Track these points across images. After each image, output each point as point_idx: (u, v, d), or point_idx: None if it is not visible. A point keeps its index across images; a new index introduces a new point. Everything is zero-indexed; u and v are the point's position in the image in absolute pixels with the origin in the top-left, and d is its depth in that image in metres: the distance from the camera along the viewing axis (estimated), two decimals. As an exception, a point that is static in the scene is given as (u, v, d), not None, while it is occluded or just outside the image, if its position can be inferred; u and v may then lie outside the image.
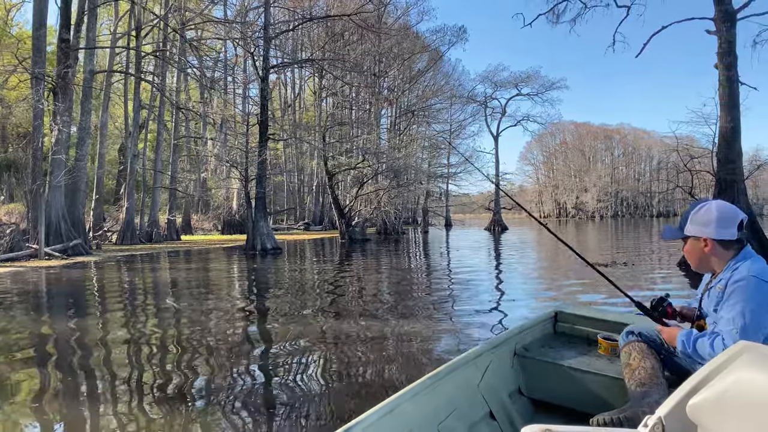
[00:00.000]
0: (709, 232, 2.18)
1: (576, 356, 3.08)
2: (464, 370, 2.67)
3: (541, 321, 3.56)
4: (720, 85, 14.39)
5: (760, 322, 2.00)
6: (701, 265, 2.30)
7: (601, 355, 3.10)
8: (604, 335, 3.20)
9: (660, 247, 22.24)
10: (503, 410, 2.75)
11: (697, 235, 2.22)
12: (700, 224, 2.21)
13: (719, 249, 2.19)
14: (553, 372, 2.99)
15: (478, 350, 2.87)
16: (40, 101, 18.66)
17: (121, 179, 33.82)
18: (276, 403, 4.28)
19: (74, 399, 4.41)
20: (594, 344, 3.26)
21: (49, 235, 18.64)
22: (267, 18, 22.56)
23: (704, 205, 2.22)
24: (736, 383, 1.31)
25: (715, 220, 2.16)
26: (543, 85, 57.48)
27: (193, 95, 38.23)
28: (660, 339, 2.53)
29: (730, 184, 13.84)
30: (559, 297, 9.66)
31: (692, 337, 2.19)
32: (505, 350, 3.07)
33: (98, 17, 28.67)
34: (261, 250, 20.76)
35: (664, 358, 2.51)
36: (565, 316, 3.62)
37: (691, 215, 2.24)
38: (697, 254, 2.26)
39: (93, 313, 8.72)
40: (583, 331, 3.50)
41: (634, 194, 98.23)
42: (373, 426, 1.93)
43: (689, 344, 2.19)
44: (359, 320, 7.50)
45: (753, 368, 1.33)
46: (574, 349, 3.22)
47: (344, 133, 38.81)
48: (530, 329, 3.41)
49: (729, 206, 2.20)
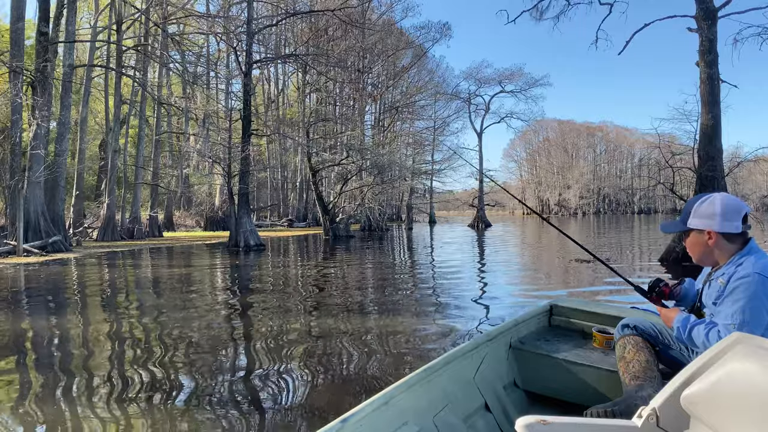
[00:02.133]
0: (714, 224, 2.15)
1: (571, 349, 3.11)
2: (460, 362, 2.68)
3: (537, 314, 3.59)
4: (701, 82, 14.53)
5: (760, 320, 1.98)
6: (704, 258, 2.26)
7: (596, 348, 3.12)
8: (599, 328, 3.23)
9: (641, 244, 22.48)
10: (498, 402, 2.77)
11: (701, 228, 2.19)
12: (704, 217, 2.17)
13: (723, 242, 2.16)
14: (548, 365, 3.01)
15: (473, 343, 2.88)
16: (18, 95, 18.34)
17: (102, 175, 33.40)
18: (259, 401, 4.24)
19: (53, 399, 4.33)
20: (589, 337, 3.29)
21: (28, 231, 18.36)
22: (250, 13, 22.38)
23: (708, 198, 2.19)
24: (730, 374, 1.30)
25: (720, 213, 2.12)
26: (527, 82, 57.97)
27: (176, 90, 37.85)
28: (656, 331, 2.53)
29: (710, 181, 13.98)
30: (542, 288, 9.71)
31: (689, 322, 2.19)
32: (500, 343, 3.09)
33: (78, 11, 28.26)
34: (244, 246, 20.62)
35: (660, 351, 2.52)
36: (561, 309, 3.65)
37: (694, 207, 2.21)
38: (701, 247, 2.23)
39: (72, 310, 8.58)
40: (579, 324, 3.53)
41: (615, 191, 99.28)
42: (368, 417, 1.94)
43: (684, 330, 2.18)
44: (343, 316, 7.47)
45: (747, 359, 1.33)
46: (570, 342, 3.25)
47: (328, 130, 38.67)
48: (525, 322, 3.43)
49: (734, 199, 2.17)
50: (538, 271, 13.36)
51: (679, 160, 17.37)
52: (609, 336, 3.06)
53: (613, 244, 21.98)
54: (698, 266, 2.38)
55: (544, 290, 10.06)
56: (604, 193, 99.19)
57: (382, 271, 13.73)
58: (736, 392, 1.26)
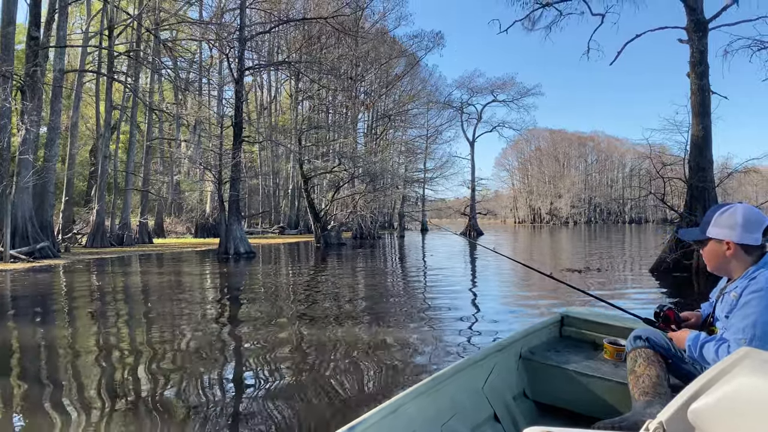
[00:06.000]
0: (734, 235, 2.12)
1: (582, 360, 3.08)
2: (468, 372, 2.67)
3: (548, 324, 3.56)
4: (692, 93, 14.59)
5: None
6: (720, 268, 2.24)
7: (607, 360, 3.10)
8: (611, 340, 3.20)
9: (632, 254, 22.52)
10: (507, 413, 2.75)
11: (720, 238, 2.17)
12: (724, 227, 2.15)
13: (741, 253, 2.14)
14: (558, 375, 2.98)
15: (483, 353, 2.86)
16: (7, 100, 18.17)
17: (92, 181, 33.14)
18: (248, 412, 4.15)
19: (38, 408, 4.23)
20: (600, 349, 3.26)
21: (15, 237, 18.16)
22: (242, 19, 22.34)
23: (730, 208, 2.17)
24: (738, 389, 1.29)
25: (741, 224, 2.10)
26: (519, 92, 58.36)
27: (167, 96, 37.72)
28: (668, 344, 2.50)
29: (701, 192, 14.02)
30: (534, 297, 9.67)
31: (700, 340, 2.17)
32: (510, 353, 3.07)
33: (70, 16, 28.18)
34: (234, 254, 20.49)
35: (672, 364, 2.48)
36: (572, 320, 3.62)
37: (715, 217, 2.19)
38: (718, 257, 2.21)
39: (59, 318, 8.46)
40: (590, 335, 3.50)
41: (607, 201, 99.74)
42: (375, 425, 1.93)
43: (695, 348, 2.17)
44: (333, 326, 7.39)
45: (755, 374, 1.32)
46: (580, 353, 3.22)
47: (320, 137, 38.63)
48: (536, 332, 3.41)
49: (755, 211, 2.15)
50: (529, 280, 13.32)
51: (670, 170, 17.42)
52: (620, 348, 3.02)
53: (604, 254, 22.01)
54: (690, 280, 2.36)
55: (536, 299, 10.02)
56: (595, 202, 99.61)
57: (373, 279, 13.65)
58: (745, 407, 1.25)
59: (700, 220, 2.30)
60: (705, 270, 12.55)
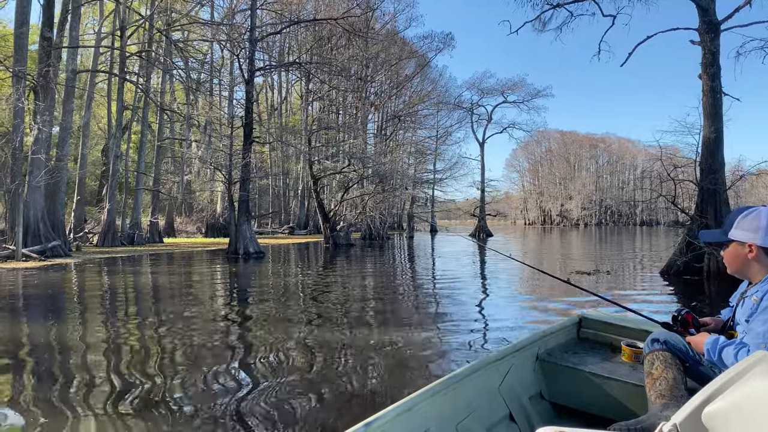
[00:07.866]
0: (757, 238, 2.12)
1: (599, 362, 3.09)
2: (485, 372, 2.68)
3: (565, 326, 3.57)
4: (703, 95, 14.48)
5: None
6: (740, 271, 2.24)
7: (625, 362, 3.10)
8: (628, 342, 3.20)
9: (643, 257, 22.37)
10: (523, 413, 2.76)
11: (743, 240, 2.17)
12: (747, 229, 2.15)
13: (763, 257, 2.14)
14: (575, 377, 2.99)
15: (500, 353, 2.88)
16: (20, 100, 18.35)
17: (103, 180, 33.41)
18: (258, 410, 4.16)
19: (47, 405, 4.26)
20: (618, 351, 3.27)
21: (27, 236, 18.33)
22: (253, 20, 22.43)
23: (753, 211, 2.17)
24: (753, 393, 1.29)
25: (765, 227, 2.10)
26: (529, 93, 58.16)
27: (178, 97, 37.94)
28: (686, 347, 2.50)
29: (712, 194, 13.89)
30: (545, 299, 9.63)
31: (719, 344, 2.16)
32: (527, 354, 3.09)
33: (82, 16, 28.42)
34: (243, 254, 20.56)
35: (690, 366, 2.48)
36: (590, 322, 3.63)
37: (738, 219, 2.20)
38: (740, 260, 2.21)
39: (70, 315, 8.52)
40: (607, 337, 3.51)
41: (617, 203, 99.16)
42: (391, 423, 1.95)
43: (714, 352, 2.16)
44: (342, 328, 7.39)
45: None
46: (598, 355, 3.23)
47: (330, 137, 38.72)
48: (554, 334, 3.42)
49: None
50: (540, 282, 13.26)
51: (681, 172, 17.29)
52: (638, 350, 3.03)
53: (614, 257, 21.88)
54: (701, 283, 2.35)
55: (547, 301, 9.98)
56: (606, 204, 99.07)
57: (383, 280, 13.65)
58: (759, 410, 1.25)
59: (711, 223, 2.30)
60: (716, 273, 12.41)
